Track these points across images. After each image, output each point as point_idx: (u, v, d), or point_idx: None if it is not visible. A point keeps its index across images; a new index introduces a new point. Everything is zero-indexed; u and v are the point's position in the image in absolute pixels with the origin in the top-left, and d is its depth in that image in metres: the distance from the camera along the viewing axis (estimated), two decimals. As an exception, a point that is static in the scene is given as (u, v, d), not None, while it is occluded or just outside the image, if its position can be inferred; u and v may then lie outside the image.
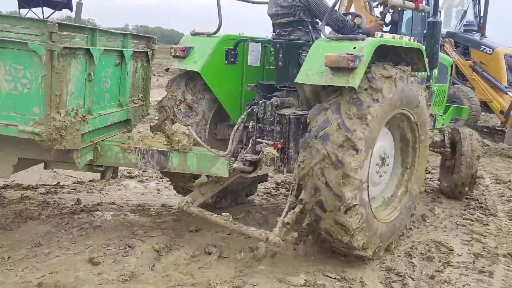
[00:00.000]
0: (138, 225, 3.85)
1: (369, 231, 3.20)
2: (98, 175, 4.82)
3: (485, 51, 9.48)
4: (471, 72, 9.64)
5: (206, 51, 3.83)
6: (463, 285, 3.15)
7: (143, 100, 4.13)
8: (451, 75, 5.86)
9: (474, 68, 9.57)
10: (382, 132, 3.40)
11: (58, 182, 4.89)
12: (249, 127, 3.77)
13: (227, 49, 3.96)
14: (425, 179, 4.05)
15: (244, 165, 3.69)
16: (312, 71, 3.19)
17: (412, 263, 3.45)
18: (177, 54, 3.88)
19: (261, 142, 3.68)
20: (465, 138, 5.00)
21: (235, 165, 3.61)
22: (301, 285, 3.02)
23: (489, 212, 4.71)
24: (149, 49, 4.12)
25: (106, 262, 3.16)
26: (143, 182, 5.12)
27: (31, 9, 9.37)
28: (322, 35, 3.49)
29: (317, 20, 3.94)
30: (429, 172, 5.94)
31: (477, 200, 5.08)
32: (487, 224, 4.36)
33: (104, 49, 3.32)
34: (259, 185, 4.73)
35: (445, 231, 4.16)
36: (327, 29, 3.75)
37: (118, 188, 4.87)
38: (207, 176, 3.87)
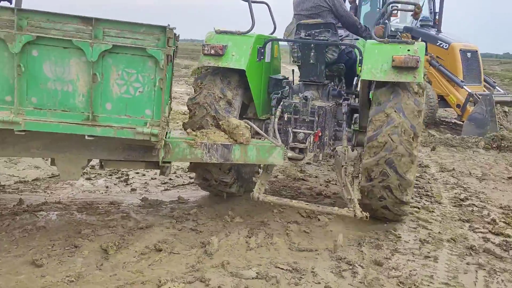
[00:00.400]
0: (85, 224, 3.72)
1: None
2: (42, 174, 4.69)
3: (441, 45, 9.68)
4: (428, 66, 9.81)
5: (246, 50, 4.03)
6: (410, 271, 3.24)
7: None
8: None
9: (431, 63, 9.77)
10: None
11: (-1, 182, 4.65)
12: (285, 118, 4.22)
13: (258, 48, 4.24)
14: None
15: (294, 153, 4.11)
16: (376, 70, 3.74)
17: (362, 251, 3.52)
18: (214, 52, 3.95)
19: (298, 132, 4.16)
20: None
21: (289, 154, 4.00)
22: (253, 278, 3.01)
23: (434, 200, 4.88)
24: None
25: (51, 263, 3.03)
26: (91, 179, 4.95)
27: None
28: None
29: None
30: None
31: (423, 188, 5.26)
32: (433, 211, 4.52)
33: None
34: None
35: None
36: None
37: (65, 186, 4.68)
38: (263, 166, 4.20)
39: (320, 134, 4.19)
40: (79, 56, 2.87)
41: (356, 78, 5.05)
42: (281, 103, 4.30)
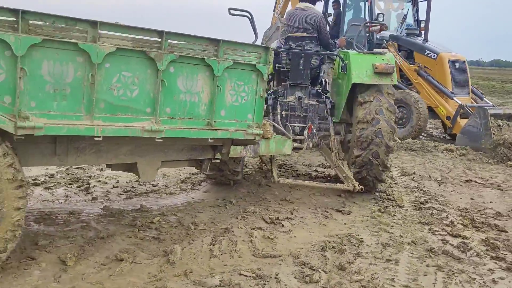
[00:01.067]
0: (42, 235, 3.59)
1: None
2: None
3: (429, 55, 9.56)
4: (416, 76, 9.69)
5: None
6: (372, 274, 3.29)
7: None
8: None
9: (419, 73, 9.61)
10: None
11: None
12: (283, 115, 5.21)
13: None
14: None
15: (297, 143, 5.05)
16: (362, 75, 4.94)
17: (325, 256, 3.55)
18: None
19: (294, 126, 5.24)
20: None
21: (294, 144, 4.88)
22: (216, 286, 2.99)
23: (395, 203, 4.98)
24: None
25: (5, 278, 2.91)
26: (50, 189, 4.80)
27: None
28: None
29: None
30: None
31: (385, 192, 5.36)
32: (394, 215, 4.62)
33: None
34: None
35: (356, 223, 4.34)
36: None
37: (22, 196, 4.52)
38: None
39: (312, 126, 5.22)
40: (205, 71, 3.43)
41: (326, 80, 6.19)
42: (278, 102, 5.21)
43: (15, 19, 2.60)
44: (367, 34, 8.89)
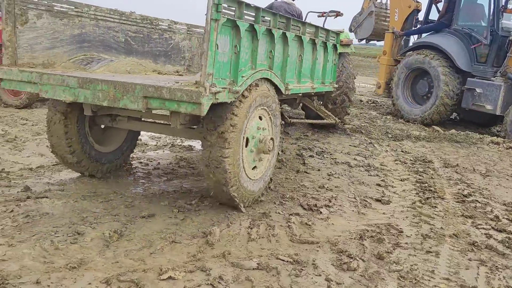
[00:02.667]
0: (88, 211, 3.73)
1: None
2: (46, 161, 4.70)
3: None
4: None
5: None
6: (411, 265, 3.24)
7: None
8: None
9: None
10: None
11: (3, 169, 4.66)
12: None
13: None
14: None
15: None
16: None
17: (363, 245, 3.52)
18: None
19: None
20: None
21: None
22: (253, 269, 3.02)
23: (437, 195, 4.87)
24: None
25: (53, 250, 3.05)
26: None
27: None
28: None
29: None
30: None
31: (426, 183, 5.25)
32: (435, 206, 4.52)
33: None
34: None
35: (395, 213, 4.27)
36: None
37: (68, 174, 4.70)
38: None
39: None
40: (323, 50, 5.65)
41: None
42: None
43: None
44: (491, 25, 9.16)
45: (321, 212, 4.14)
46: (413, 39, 11.01)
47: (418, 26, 10.65)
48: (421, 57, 9.66)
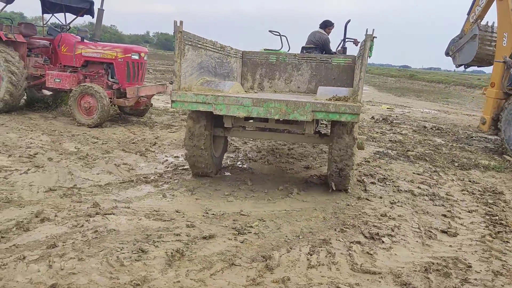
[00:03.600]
0: (152, 229, 3.85)
1: None
2: (114, 179, 4.91)
3: None
4: None
5: None
6: (481, 303, 3.06)
7: None
8: None
9: None
10: None
11: (75, 185, 4.93)
12: None
13: None
14: None
15: None
16: None
17: (428, 278, 3.37)
18: None
19: None
20: None
21: None
22: (313, 297, 2.97)
23: (509, 229, 4.59)
24: None
25: (119, 266, 3.16)
26: (158, 187, 5.12)
27: (54, 14, 9.55)
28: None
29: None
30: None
31: (497, 216, 4.96)
32: (508, 241, 4.25)
33: None
34: None
35: (463, 247, 4.07)
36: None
37: (134, 192, 4.89)
38: None
39: None
40: None
41: None
42: None
43: None
44: None
45: (383, 242, 4.02)
46: None
47: None
48: None
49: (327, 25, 9.02)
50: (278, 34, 8.71)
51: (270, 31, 8.69)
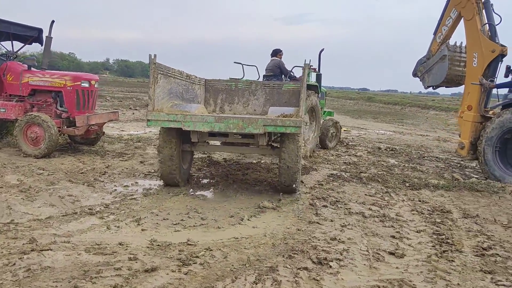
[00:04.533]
0: (90, 264, 3.67)
1: None
2: (56, 212, 4.71)
3: None
4: None
5: None
6: (424, 326, 3.05)
7: None
8: (326, 96, 12.42)
9: None
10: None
11: (12, 220, 4.68)
12: None
13: None
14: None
15: None
16: None
17: (373, 302, 3.34)
18: None
19: None
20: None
21: None
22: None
23: (455, 248, 4.66)
24: None
25: (50, 306, 2.98)
26: (103, 218, 4.94)
27: (1, 43, 9.27)
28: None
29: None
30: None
31: (444, 235, 5.04)
32: (453, 261, 4.30)
33: None
34: None
35: (409, 268, 4.08)
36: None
37: (76, 225, 4.68)
38: None
39: None
40: None
41: None
42: None
43: None
44: None
45: (331, 266, 3.98)
46: (495, 90, 9.17)
47: (510, 76, 8.86)
48: None
49: (277, 52, 10.35)
50: (241, 64, 9.94)
51: (235, 62, 10.04)
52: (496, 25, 8.99)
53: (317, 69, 10.75)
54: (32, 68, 8.64)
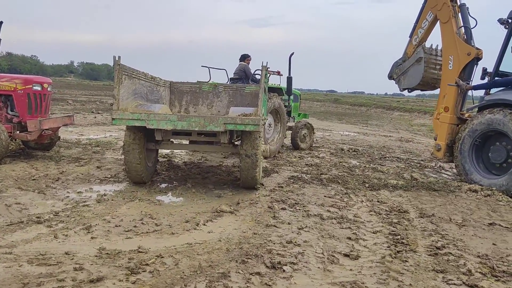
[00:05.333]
0: (31, 276, 3.49)
1: None
2: (1, 221, 4.47)
3: None
4: None
5: None
6: (373, 329, 3.02)
7: None
8: (300, 99, 13.00)
9: None
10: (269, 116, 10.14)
11: (-49, 231, 4.42)
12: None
13: None
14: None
15: None
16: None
17: (324, 306, 3.29)
18: None
19: None
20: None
21: None
22: None
23: (409, 248, 4.68)
24: None
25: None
26: (52, 227, 4.73)
27: (-51, 45, 8.83)
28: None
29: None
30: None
31: (399, 235, 5.06)
32: (406, 261, 4.31)
33: None
34: None
35: (363, 269, 4.06)
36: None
37: (21, 235, 4.46)
38: None
39: None
40: None
41: None
42: None
43: None
44: None
45: (284, 271, 3.92)
46: (470, 92, 9.15)
47: (487, 78, 8.73)
48: (498, 117, 7.87)
49: (245, 57, 10.98)
50: (207, 67, 10.51)
51: (202, 66, 10.63)
52: (472, 28, 9.01)
53: (288, 73, 11.07)
54: (-19, 71, 8.27)
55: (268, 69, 10.51)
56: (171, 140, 7.21)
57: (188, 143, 7.90)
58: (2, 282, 3.38)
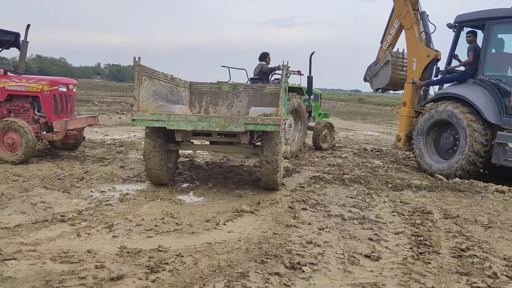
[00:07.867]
0: (54, 274, 3.55)
1: None
2: (26, 219, 4.58)
3: None
4: None
5: None
6: (393, 331, 2.96)
7: None
8: (320, 98, 12.78)
9: None
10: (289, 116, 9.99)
11: (-21, 228, 4.55)
12: None
13: None
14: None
15: None
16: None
17: (343, 308, 3.25)
18: None
19: None
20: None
21: None
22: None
23: (432, 249, 4.59)
24: None
25: (5, 318, 2.86)
26: (75, 225, 4.81)
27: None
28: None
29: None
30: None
31: (422, 236, 4.97)
32: (429, 263, 4.23)
33: None
34: None
35: (384, 271, 4.00)
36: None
37: (45, 233, 4.56)
38: None
39: None
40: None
41: None
42: None
43: None
44: None
45: (303, 271, 3.89)
46: (432, 89, 10.28)
47: (440, 76, 9.96)
48: (445, 109, 8.85)
49: (265, 56, 10.79)
50: (227, 67, 10.66)
51: (222, 66, 10.75)
52: (431, 33, 10.27)
53: (308, 72, 11.13)
54: (8, 73, 8.49)
55: (289, 69, 10.55)
56: (191, 141, 7.24)
57: (208, 143, 7.91)
58: (26, 279, 3.45)
